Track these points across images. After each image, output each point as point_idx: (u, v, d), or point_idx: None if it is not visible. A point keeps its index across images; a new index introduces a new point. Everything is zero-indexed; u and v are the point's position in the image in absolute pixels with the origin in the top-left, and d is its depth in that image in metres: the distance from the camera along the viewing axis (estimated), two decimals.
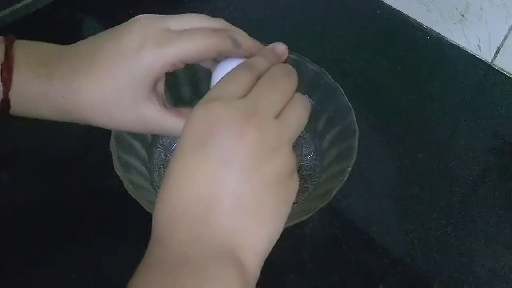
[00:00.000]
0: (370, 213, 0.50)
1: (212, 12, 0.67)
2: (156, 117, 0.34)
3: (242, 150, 0.26)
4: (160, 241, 0.26)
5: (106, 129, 0.42)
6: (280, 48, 0.35)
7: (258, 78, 0.29)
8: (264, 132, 0.26)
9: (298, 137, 0.31)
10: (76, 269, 0.44)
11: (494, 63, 0.64)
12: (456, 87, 0.62)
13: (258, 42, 0.36)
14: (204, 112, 0.27)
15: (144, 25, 0.32)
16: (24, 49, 0.34)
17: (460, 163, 0.54)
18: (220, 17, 0.37)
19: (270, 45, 0.35)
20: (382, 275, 0.45)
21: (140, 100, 0.33)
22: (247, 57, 0.35)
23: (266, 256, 0.28)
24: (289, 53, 0.49)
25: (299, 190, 0.29)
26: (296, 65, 0.49)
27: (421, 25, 0.69)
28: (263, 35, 0.65)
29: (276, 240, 0.28)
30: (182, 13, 0.35)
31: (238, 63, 0.34)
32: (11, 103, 0.34)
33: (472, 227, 0.49)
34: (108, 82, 0.32)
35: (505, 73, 0.64)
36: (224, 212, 0.26)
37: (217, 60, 0.37)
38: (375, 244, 0.47)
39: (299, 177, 0.37)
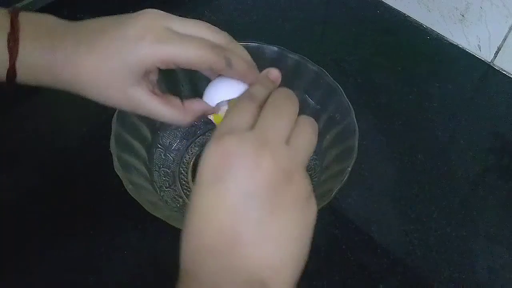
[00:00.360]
0: (370, 213, 0.50)
1: (213, 12, 0.67)
2: (144, 101, 0.36)
3: (260, 180, 0.27)
4: (190, 274, 0.27)
5: (106, 131, 0.42)
6: (274, 74, 0.36)
7: (261, 106, 0.31)
8: (278, 159, 0.27)
9: None
10: (76, 269, 0.44)
11: (494, 63, 0.64)
12: (456, 87, 0.62)
13: (254, 65, 0.37)
14: (218, 148, 0.28)
15: (150, 19, 0.34)
16: (30, 20, 0.35)
17: (460, 163, 0.54)
18: (221, 17, 0.37)
19: (264, 71, 0.36)
20: (382, 275, 0.45)
21: (130, 85, 0.35)
22: (240, 79, 0.36)
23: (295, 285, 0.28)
24: (289, 53, 0.49)
25: None
26: (296, 65, 0.49)
27: (421, 25, 0.69)
28: (263, 35, 0.65)
29: (302, 265, 0.28)
30: (183, 14, 0.36)
31: (230, 84, 0.36)
32: (17, 72, 0.35)
33: (472, 227, 0.49)
34: (104, 63, 0.34)
35: (505, 73, 0.64)
36: (249, 242, 0.27)
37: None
38: (375, 244, 0.47)
39: None
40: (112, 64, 0.34)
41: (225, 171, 0.27)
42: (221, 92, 0.37)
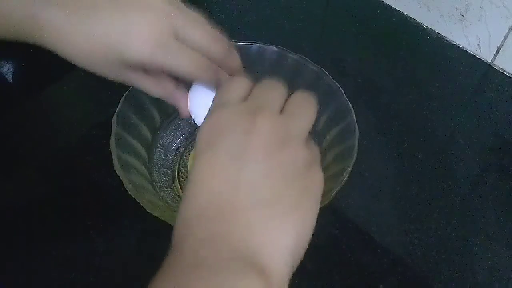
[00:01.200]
0: (370, 213, 0.50)
1: (213, 12, 0.67)
2: (137, 81, 0.37)
3: (251, 142, 0.26)
4: (176, 246, 0.25)
5: (106, 131, 0.42)
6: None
7: (251, 87, 0.30)
8: (271, 123, 0.26)
9: None
10: (76, 269, 0.44)
11: (494, 63, 0.64)
12: (456, 87, 0.62)
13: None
14: (210, 120, 0.27)
15: (157, 16, 0.33)
16: None
17: (460, 163, 0.54)
18: (221, 17, 0.37)
19: None
20: (382, 275, 0.45)
21: (124, 69, 0.35)
22: None
23: (299, 259, 0.26)
24: (289, 53, 0.49)
25: None
26: (296, 65, 0.49)
27: (421, 25, 0.69)
28: (263, 35, 0.65)
29: (307, 239, 0.26)
30: None
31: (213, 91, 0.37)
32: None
33: (472, 227, 0.49)
34: (97, 46, 0.33)
35: (505, 73, 0.64)
36: (240, 206, 0.25)
37: None
38: (375, 244, 0.47)
39: None
40: (105, 51, 0.33)
41: (216, 138, 0.27)
42: (203, 101, 0.37)
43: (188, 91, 0.39)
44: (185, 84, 0.39)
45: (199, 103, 0.38)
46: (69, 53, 0.33)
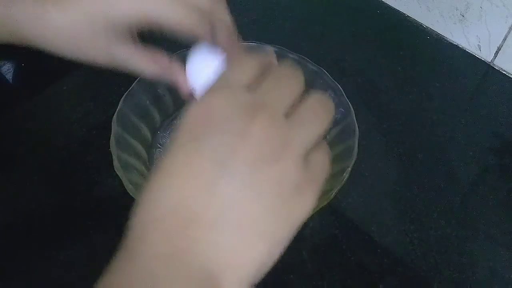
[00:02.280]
0: (370, 213, 0.49)
1: None
2: (128, 58, 0.33)
3: (241, 151, 0.22)
4: (129, 252, 0.22)
5: (106, 131, 0.42)
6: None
7: (263, 71, 0.26)
8: (270, 129, 0.22)
9: None
10: (76, 269, 0.44)
11: (494, 63, 0.64)
12: (456, 87, 0.62)
13: (236, 35, 0.35)
14: (203, 103, 0.23)
15: None
16: None
17: (460, 163, 0.54)
18: None
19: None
20: (382, 275, 0.45)
21: (114, 43, 0.32)
22: (222, 49, 0.34)
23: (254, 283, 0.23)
24: (289, 53, 0.49)
25: None
26: (296, 65, 0.49)
27: (421, 25, 0.69)
28: (263, 35, 0.65)
29: (266, 269, 0.23)
30: None
31: (211, 53, 0.34)
32: None
33: (472, 227, 0.49)
34: (81, 18, 0.31)
35: (505, 73, 0.64)
36: (209, 223, 0.21)
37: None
38: (375, 244, 0.47)
39: None
40: (90, 21, 0.31)
41: (203, 130, 0.22)
42: (203, 71, 0.35)
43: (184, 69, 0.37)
44: (180, 60, 0.37)
45: (199, 74, 0.35)
46: (52, 40, 0.31)
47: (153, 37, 0.35)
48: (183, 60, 0.37)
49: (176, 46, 0.40)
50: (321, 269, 0.45)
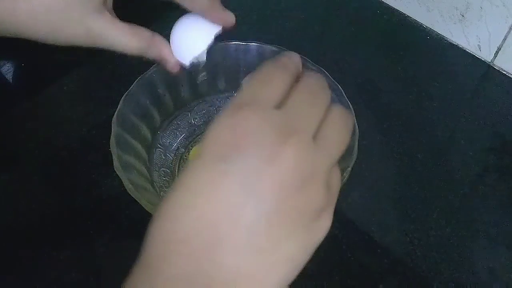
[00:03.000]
0: (370, 213, 0.50)
1: None
2: (106, 32, 0.31)
3: (270, 177, 0.21)
4: (148, 271, 0.22)
5: (106, 131, 0.42)
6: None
7: (291, 83, 0.25)
8: (300, 158, 0.22)
9: None
10: (76, 269, 0.44)
11: (494, 63, 0.64)
12: (456, 87, 0.62)
13: (219, 1, 0.33)
14: (233, 120, 0.22)
15: None
16: None
17: (460, 163, 0.54)
18: None
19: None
20: (382, 275, 0.45)
21: (90, 14, 0.30)
22: (204, 14, 0.33)
23: None
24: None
25: None
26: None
27: (421, 25, 0.69)
28: (263, 35, 0.65)
29: (287, 285, 0.23)
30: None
31: (195, 21, 0.32)
32: None
33: (472, 227, 0.49)
34: None
35: (505, 73, 0.64)
36: (233, 248, 0.21)
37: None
38: (375, 244, 0.47)
39: None
40: None
41: (232, 151, 0.21)
42: (190, 42, 0.33)
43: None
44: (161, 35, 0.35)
45: (185, 44, 0.33)
46: (25, 22, 0.29)
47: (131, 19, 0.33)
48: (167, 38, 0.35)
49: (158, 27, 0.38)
50: (321, 269, 0.45)
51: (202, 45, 0.34)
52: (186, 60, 0.34)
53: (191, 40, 0.34)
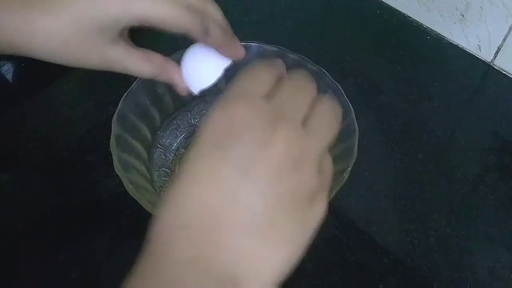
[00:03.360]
0: (370, 213, 0.50)
1: None
2: (122, 60, 0.33)
3: (264, 161, 0.23)
4: (154, 256, 0.23)
5: (106, 131, 0.42)
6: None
7: (278, 79, 0.27)
8: (291, 141, 0.23)
9: None
10: (76, 269, 0.44)
11: (494, 63, 0.64)
12: (456, 87, 0.62)
13: (232, 33, 0.34)
14: (226, 112, 0.24)
15: None
16: None
17: (460, 163, 0.54)
18: None
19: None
20: (382, 275, 0.45)
21: (107, 45, 0.32)
22: (218, 49, 0.34)
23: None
24: (289, 53, 0.49)
25: None
26: (296, 65, 0.49)
27: (421, 25, 0.69)
28: (263, 35, 0.65)
29: (287, 272, 0.24)
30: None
31: (207, 51, 0.34)
32: None
33: (472, 227, 0.49)
34: (69, 24, 0.30)
35: (505, 73, 0.64)
36: (233, 230, 0.22)
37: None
38: (375, 244, 0.47)
39: None
40: (80, 27, 0.30)
41: (228, 139, 0.23)
42: (198, 69, 0.35)
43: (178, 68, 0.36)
44: (175, 61, 0.36)
45: (194, 72, 0.35)
46: (41, 47, 0.31)
47: (147, 40, 0.35)
48: (178, 62, 0.37)
49: (170, 49, 0.41)
50: (321, 269, 0.45)
51: (211, 78, 0.35)
52: (196, 89, 0.36)
53: (202, 72, 0.35)
